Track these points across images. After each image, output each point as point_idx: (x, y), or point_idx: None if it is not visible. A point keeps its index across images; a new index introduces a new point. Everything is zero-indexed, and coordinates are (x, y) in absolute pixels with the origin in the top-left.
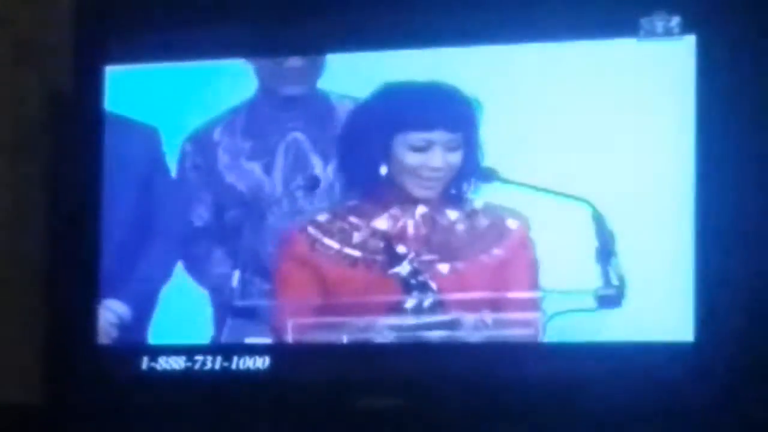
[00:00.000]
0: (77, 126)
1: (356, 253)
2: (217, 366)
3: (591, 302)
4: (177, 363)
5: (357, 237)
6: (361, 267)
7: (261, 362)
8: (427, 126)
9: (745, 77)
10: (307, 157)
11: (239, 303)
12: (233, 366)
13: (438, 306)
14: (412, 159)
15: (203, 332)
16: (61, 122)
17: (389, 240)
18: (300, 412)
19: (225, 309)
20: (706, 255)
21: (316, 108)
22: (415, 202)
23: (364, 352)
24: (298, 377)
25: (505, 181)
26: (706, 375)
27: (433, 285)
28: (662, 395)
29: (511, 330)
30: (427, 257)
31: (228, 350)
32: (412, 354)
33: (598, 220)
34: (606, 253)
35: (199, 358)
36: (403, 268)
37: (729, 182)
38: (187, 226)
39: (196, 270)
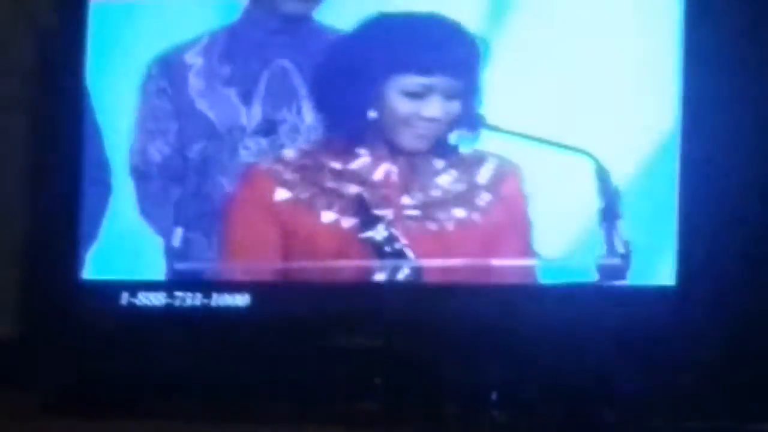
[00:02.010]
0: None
1: (325, 208)
2: (198, 302)
3: (593, 273)
4: (157, 299)
5: (329, 187)
6: (329, 225)
7: (241, 299)
8: (426, 69)
9: (735, 18)
10: (295, 89)
11: (180, 265)
12: (213, 303)
13: (414, 278)
14: (404, 106)
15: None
16: (45, 60)
17: (363, 200)
18: (278, 349)
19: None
20: (688, 201)
21: (308, 36)
22: (399, 153)
23: (344, 291)
24: (278, 314)
25: (497, 129)
26: (687, 317)
27: (410, 253)
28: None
29: None
30: (404, 216)
31: (208, 287)
32: (391, 294)
33: (602, 176)
34: (611, 214)
35: (179, 294)
36: (378, 233)
37: (714, 125)
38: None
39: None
